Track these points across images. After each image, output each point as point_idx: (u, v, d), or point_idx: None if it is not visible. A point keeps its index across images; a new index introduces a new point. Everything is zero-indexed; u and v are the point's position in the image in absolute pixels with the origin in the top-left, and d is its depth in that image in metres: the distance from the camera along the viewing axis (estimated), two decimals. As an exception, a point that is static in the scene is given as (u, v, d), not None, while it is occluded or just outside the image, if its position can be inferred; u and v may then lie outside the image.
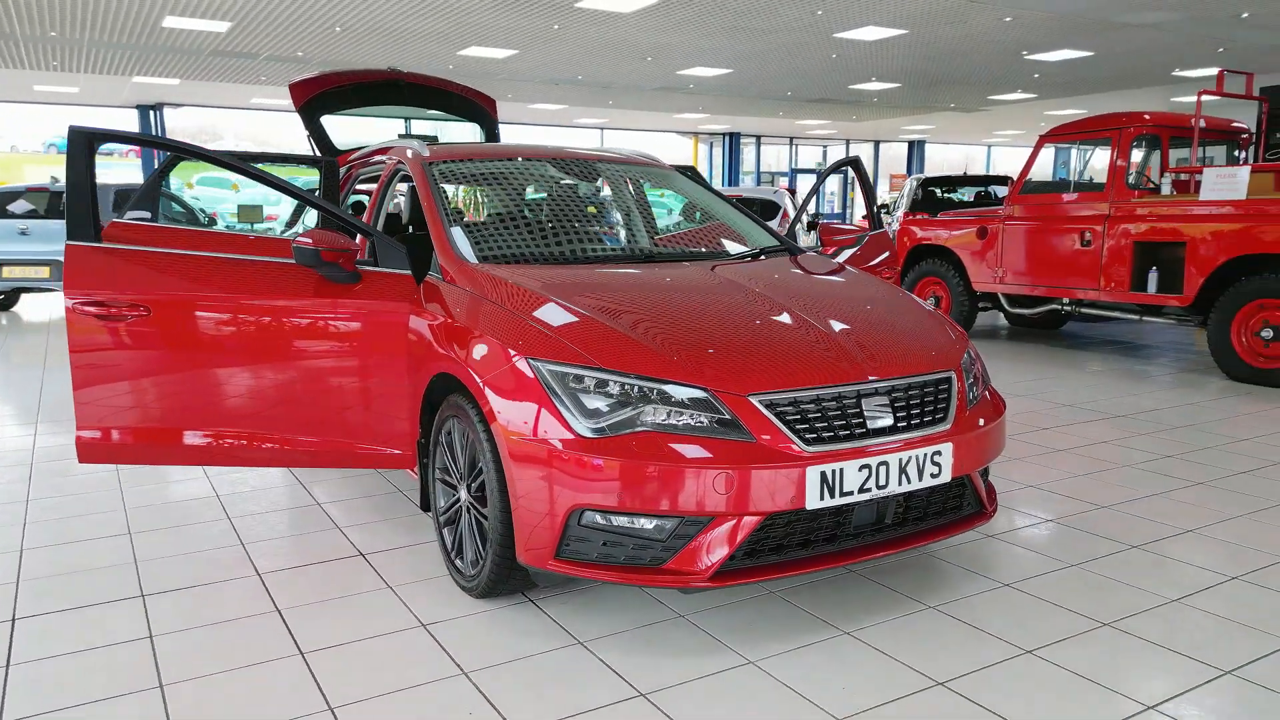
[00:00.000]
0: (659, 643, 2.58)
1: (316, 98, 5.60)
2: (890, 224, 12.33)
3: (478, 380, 2.66)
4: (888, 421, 2.59)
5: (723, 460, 2.37)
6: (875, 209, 4.94)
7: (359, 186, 4.73)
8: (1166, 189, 7.54)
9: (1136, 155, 7.72)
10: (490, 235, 3.38)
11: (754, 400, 2.45)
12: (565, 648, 2.55)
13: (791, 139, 30.54)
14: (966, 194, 13.83)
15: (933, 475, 2.63)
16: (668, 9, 10.07)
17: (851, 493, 2.48)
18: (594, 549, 2.47)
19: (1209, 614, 2.75)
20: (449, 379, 2.94)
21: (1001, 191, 14.31)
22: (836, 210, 30.71)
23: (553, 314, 2.72)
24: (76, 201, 3.09)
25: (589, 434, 2.42)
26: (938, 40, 12.02)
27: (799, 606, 2.80)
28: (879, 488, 2.53)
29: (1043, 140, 8.33)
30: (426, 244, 3.50)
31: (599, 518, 2.43)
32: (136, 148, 20.79)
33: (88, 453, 3.17)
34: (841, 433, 2.51)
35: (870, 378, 2.61)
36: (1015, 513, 3.68)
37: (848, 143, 31.56)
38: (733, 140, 28.88)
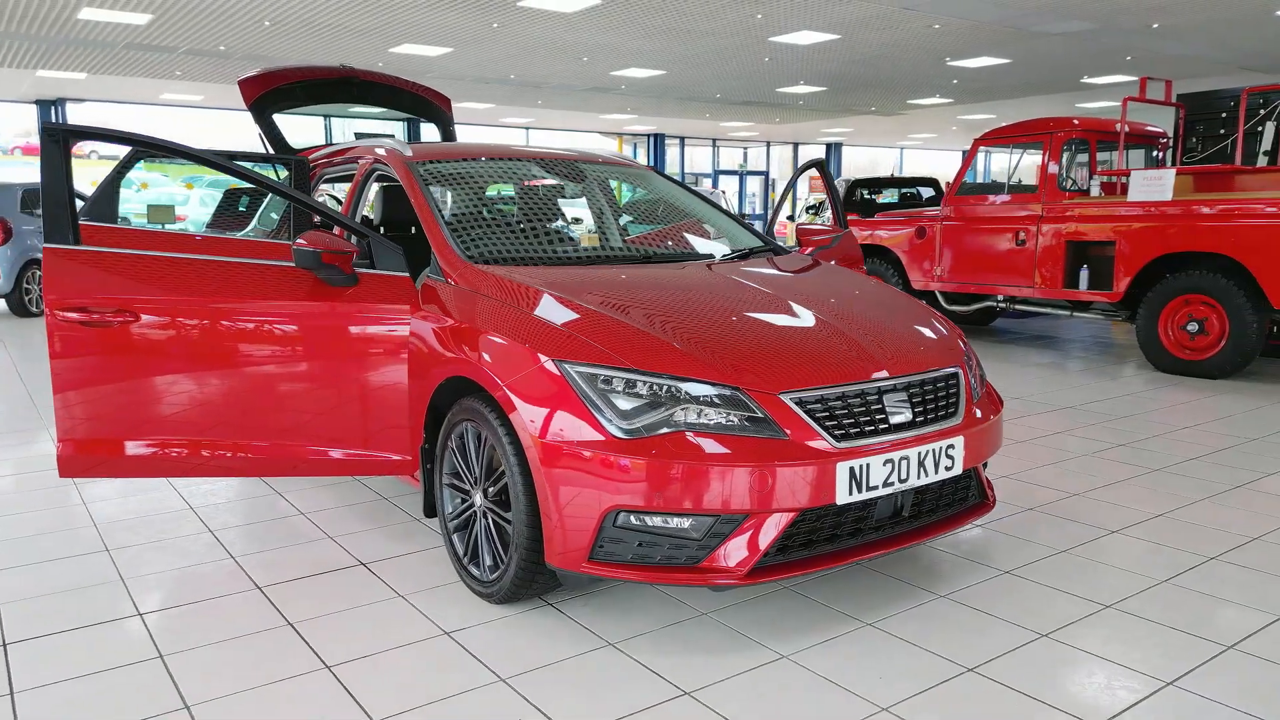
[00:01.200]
0: (689, 641, 2.59)
1: (267, 95, 5.43)
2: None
3: (500, 384, 2.63)
4: (907, 417, 2.66)
5: (758, 458, 2.40)
6: (840, 210, 5.05)
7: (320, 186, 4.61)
8: (1095, 191, 7.93)
9: (1067, 159, 8.08)
10: (487, 236, 3.34)
11: (785, 398, 2.49)
12: (597, 650, 2.55)
13: (714, 140, 30.88)
14: (891, 195, 14.27)
15: (946, 468, 2.72)
16: (611, 9, 10.08)
17: (876, 487, 2.55)
18: (629, 550, 2.47)
19: (1198, 593, 2.91)
20: (461, 382, 2.90)
21: (927, 192, 14.85)
22: (759, 210, 31.19)
23: (574, 315, 2.71)
24: (53, 203, 2.94)
25: (623, 435, 2.42)
26: (867, 45, 12.35)
27: (817, 601, 2.85)
28: (900, 481, 2.60)
29: (978, 144, 8.65)
30: (415, 244, 3.44)
31: (634, 518, 2.43)
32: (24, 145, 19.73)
33: (71, 466, 3.01)
34: (866, 428, 2.58)
35: (890, 374, 2.69)
36: (997, 502, 3.81)
37: (768, 145, 32.09)
38: (657, 141, 29.07)
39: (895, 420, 2.63)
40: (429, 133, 6.28)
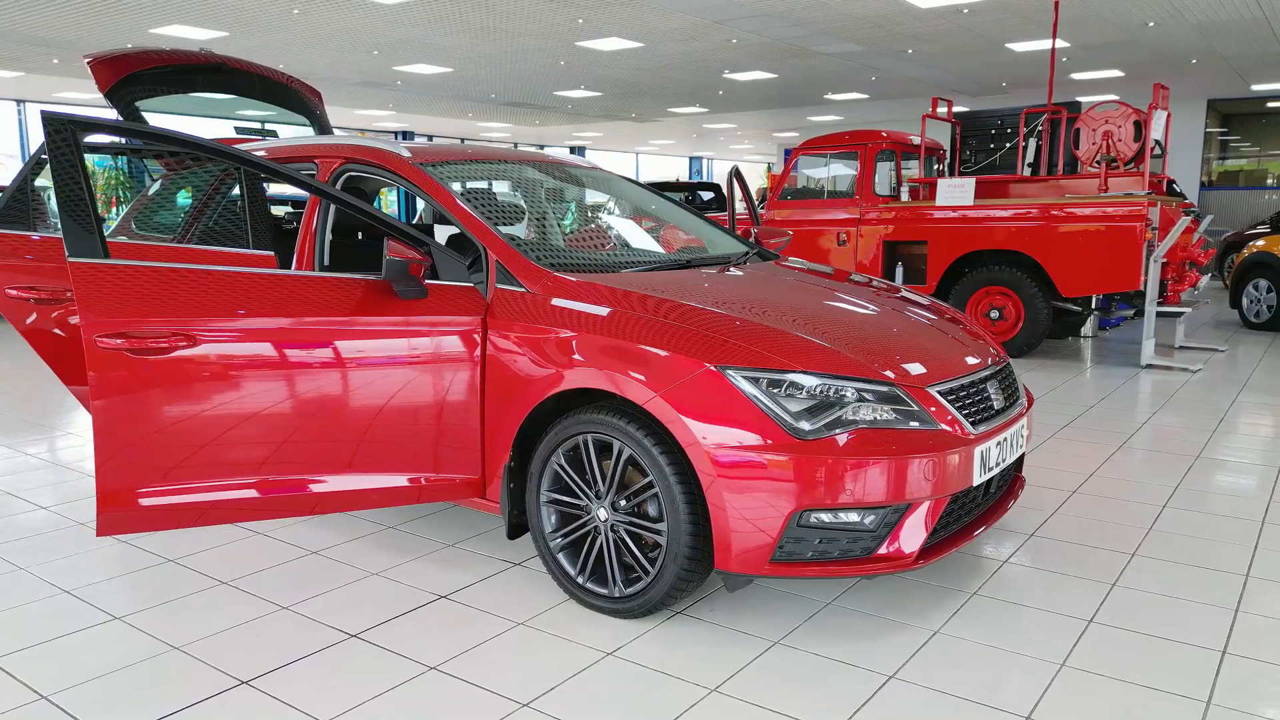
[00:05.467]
0: (842, 630, 2.71)
1: (127, 81, 4.79)
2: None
3: (653, 394, 2.58)
4: (1002, 403, 2.96)
5: (924, 449, 2.57)
6: (756, 212, 5.35)
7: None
8: (905, 196, 8.91)
9: (878, 167, 9.00)
10: (544, 242, 3.22)
11: (932, 391, 2.68)
12: (771, 649, 2.59)
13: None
14: (674, 198, 15.01)
15: (1019, 447, 3.06)
16: (433, 4, 9.67)
17: (993, 468, 2.82)
18: (809, 547, 2.54)
19: (1184, 536, 3.48)
20: (579, 395, 2.81)
21: (707, 197, 15.75)
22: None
23: (714, 320, 2.71)
24: (72, 208, 2.47)
25: (802, 436, 2.49)
26: (663, 55, 12.84)
27: (915, 580, 3.08)
28: (1002, 462, 2.89)
29: (797, 152, 9.37)
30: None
31: (815, 517, 2.51)
32: None
33: (114, 522, 2.53)
34: (985, 415, 2.84)
35: (989, 364, 2.98)
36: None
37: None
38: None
39: (997, 406, 2.92)
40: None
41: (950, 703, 2.30)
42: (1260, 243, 9.86)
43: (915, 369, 2.72)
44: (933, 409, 2.65)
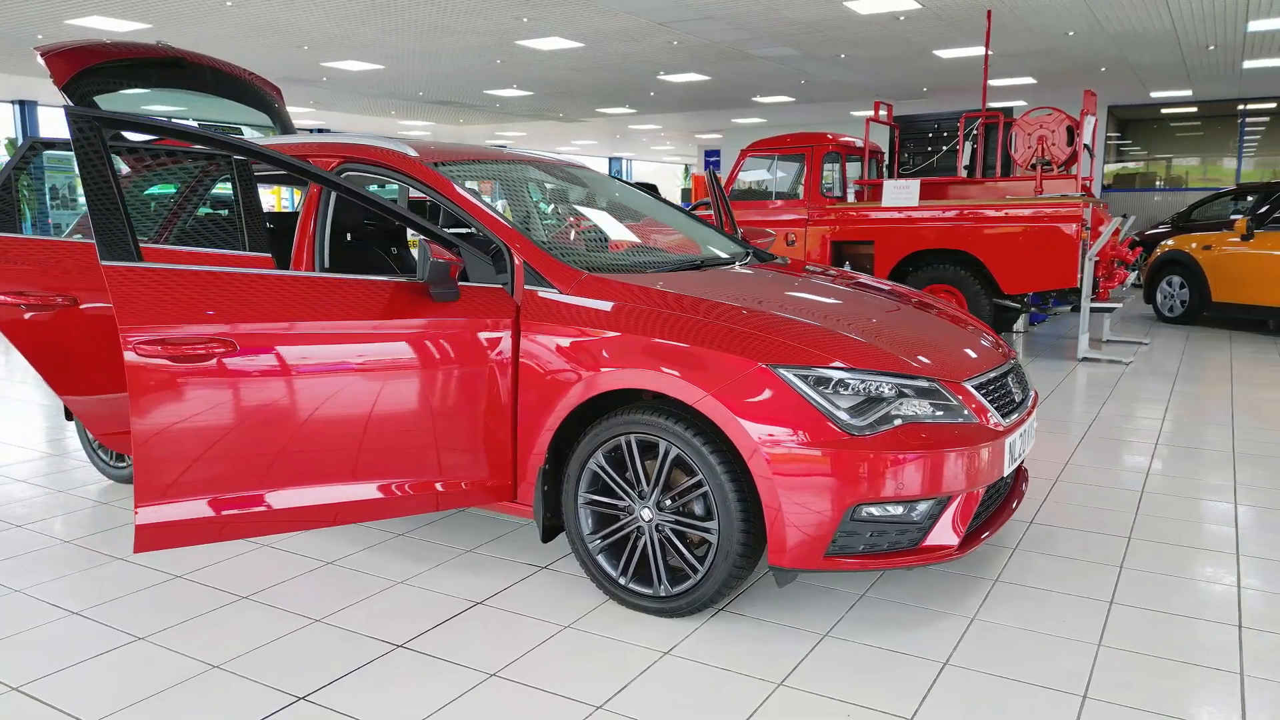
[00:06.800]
0: (885, 621, 2.78)
1: (84, 74, 4.60)
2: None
3: (700, 393, 2.60)
4: (1020, 396, 3.09)
5: (964, 441, 2.66)
6: (730, 215, 5.43)
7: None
8: (851, 197, 9.14)
9: (825, 169, 9.21)
10: (561, 244, 3.21)
11: (968, 385, 2.78)
12: (822, 641, 2.65)
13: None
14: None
15: (1032, 439, 3.19)
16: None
17: (1016, 458, 2.94)
18: (860, 541, 2.60)
19: (1173, 519, 3.68)
20: (614, 395, 2.81)
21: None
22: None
23: (753, 320, 2.74)
24: (102, 210, 2.35)
25: (854, 432, 2.55)
26: (602, 55, 12.84)
27: (931, 568, 3.18)
28: (1023, 452, 3.02)
29: (744, 153, 9.51)
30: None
31: (867, 511, 2.57)
32: None
33: (153, 537, 2.42)
34: (1009, 407, 2.95)
35: (1006, 359, 3.10)
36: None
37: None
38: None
39: (1017, 398, 3.05)
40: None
41: (1010, 685, 2.40)
42: (1170, 241, 10.45)
43: (950, 364, 2.81)
44: (962, 399, 2.75)
